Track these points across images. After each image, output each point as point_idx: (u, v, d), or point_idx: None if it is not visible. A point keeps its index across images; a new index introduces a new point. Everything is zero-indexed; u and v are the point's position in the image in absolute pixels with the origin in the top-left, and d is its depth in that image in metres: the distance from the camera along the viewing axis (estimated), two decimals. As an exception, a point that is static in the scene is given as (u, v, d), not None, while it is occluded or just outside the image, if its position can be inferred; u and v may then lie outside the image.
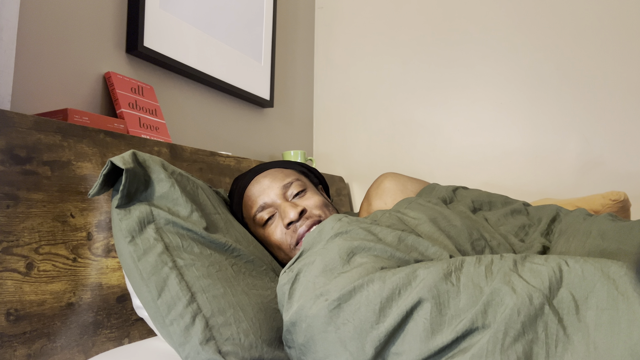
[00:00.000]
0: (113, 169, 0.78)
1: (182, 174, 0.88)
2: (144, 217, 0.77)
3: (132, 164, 0.77)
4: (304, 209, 0.92)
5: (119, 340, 0.88)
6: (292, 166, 1.04)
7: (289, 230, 0.91)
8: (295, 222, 0.91)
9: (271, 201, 0.94)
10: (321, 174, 1.12)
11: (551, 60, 1.65)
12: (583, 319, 0.50)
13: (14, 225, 0.74)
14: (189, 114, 1.42)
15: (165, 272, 0.72)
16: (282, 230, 0.92)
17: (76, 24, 1.09)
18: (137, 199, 0.80)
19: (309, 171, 1.07)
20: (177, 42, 1.32)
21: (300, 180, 0.98)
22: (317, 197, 0.96)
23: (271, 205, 0.94)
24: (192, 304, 0.70)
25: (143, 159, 0.82)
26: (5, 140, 0.75)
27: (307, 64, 2.06)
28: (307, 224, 0.91)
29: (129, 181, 0.77)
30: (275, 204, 0.94)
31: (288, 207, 0.92)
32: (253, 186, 0.97)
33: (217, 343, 0.68)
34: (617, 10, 1.57)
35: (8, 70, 0.86)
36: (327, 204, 0.97)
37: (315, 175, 1.09)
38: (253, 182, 0.98)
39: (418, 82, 1.88)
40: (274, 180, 0.96)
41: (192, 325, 0.68)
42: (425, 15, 1.87)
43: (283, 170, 0.99)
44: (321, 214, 0.93)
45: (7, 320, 0.72)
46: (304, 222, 0.91)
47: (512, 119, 1.71)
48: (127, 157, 0.78)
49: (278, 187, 0.95)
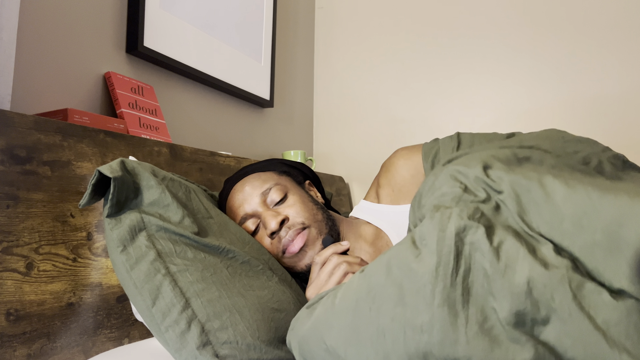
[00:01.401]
0: (102, 178, 0.77)
1: (174, 179, 0.87)
2: (134, 225, 0.76)
3: (121, 172, 0.76)
4: (284, 218, 0.89)
5: (119, 340, 0.88)
6: (271, 167, 1.00)
7: (274, 240, 0.90)
8: (278, 232, 0.89)
9: (252, 210, 0.92)
10: (308, 167, 1.08)
11: (551, 60, 1.65)
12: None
13: (14, 225, 0.74)
14: (189, 114, 1.42)
15: (159, 279, 0.72)
16: (269, 240, 0.91)
17: (76, 24, 1.09)
18: (127, 207, 0.78)
19: (293, 167, 1.03)
20: (177, 42, 1.32)
21: (280, 184, 0.94)
22: (299, 201, 0.93)
23: (253, 215, 0.92)
24: (186, 310, 0.70)
25: (132, 166, 0.81)
26: (5, 140, 0.75)
27: (307, 64, 2.06)
28: (290, 234, 0.88)
29: (118, 189, 0.76)
30: (257, 213, 0.92)
31: (269, 217, 0.89)
32: (234, 195, 0.96)
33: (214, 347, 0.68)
34: (617, 10, 1.57)
35: (8, 70, 0.86)
36: (310, 207, 0.93)
37: (300, 170, 1.05)
38: (234, 191, 0.96)
39: (418, 81, 1.88)
40: (253, 188, 0.94)
41: (188, 331, 0.68)
42: (425, 15, 1.87)
43: (261, 176, 0.96)
44: (304, 221, 0.90)
45: (7, 320, 0.72)
46: (286, 231, 0.89)
47: (511, 119, 1.71)
48: (114, 166, 0.77)
49: (257, 194, 0.93)
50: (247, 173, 0.98)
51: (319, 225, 0.92)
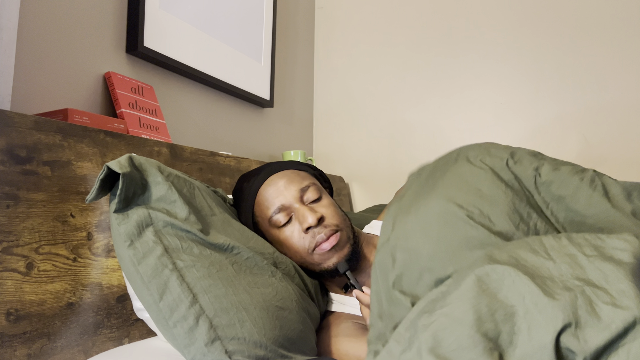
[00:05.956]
0: (110, 174, 0.77)
1: (179, 175, 0.88)
2: (142, 221, 0.76)
3: (129, 168, 0.77)
4: (322, 215, 0.92)
5: (119, 340, 0.88)
6: (306, 169, 1.02)
7: (307, 234, 0.91)
8: (314, 228, 0.91)
9: (288, 203, 0.93)
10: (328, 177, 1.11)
11: (551, 60, 1.65)
12: None
13: (14, 225, 0.74)
14: (189, 114, 1.42)
15: (166, 274, 0.72)
16: (300, 234, 0.92)
17: (76, 24, 1.09)
18: (134, 202, 0.79)
19: (320, 175, 1.06)
20: (177, 42, 1.32)
21: (316, 185, 0.97)
22: (333, 205, 0.96)
23: (288, 207, 0.93)
24: (194, 305, 0.70)
25: (139, 162, 0.82)
26: (5, 140, 0.75)
27: (307, 64, 2.06)
28: (325, 232, 0.90)
29: (126, 185, 0.76)
30: (293, 207, 0.93)
31: (307, 211, 0.91)
32: (268, 186, 0.96)
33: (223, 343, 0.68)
34: (617, 10, 1.57)
35: (8, 70, 0.86)
36: (341, 213, 0.97)
37: (324, 179, 1.08)
38: (268, 183, 0.96)
39: (418, 81, 1.88)
40: (291, 182, 0.95)
41: (196, 327, 0.69)
42: (425, 15, 1.87)
43: (299, 173, 0.98)
44: (338, 224, 0.93)
45: (7, 320, 0.72)
46: (322, 230, 0.91)
47: (511, 119, 1.71)
48: (123, 162, 0.77)
49: (295, 189, 0.94)
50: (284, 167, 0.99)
51: (347, 231, 0.95)
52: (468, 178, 0.75)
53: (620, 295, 0.48)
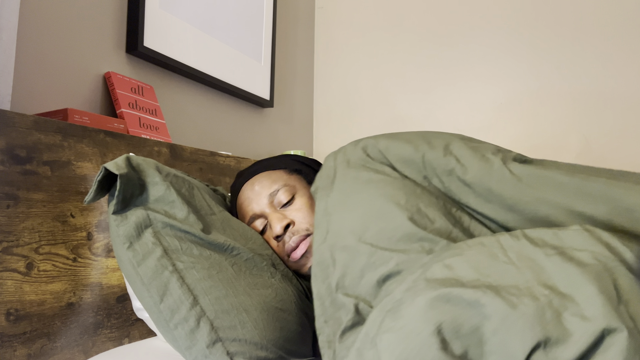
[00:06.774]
0: (107, 175, 0.77)
1: (177, 175, 0.87)
2: (141, 222, 0.76)
3: (126, 169, 0.76)
4: (289, 222, 0.89)
5: (119, 340, 0.88)
6: (282, 165, 0.98)
7: (280, 242, 0.90)
8: (282, 236, 0.89)
9: (260, 211, 0.92)
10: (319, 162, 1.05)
11: (551, 60, 1.65)
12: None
13: (14, 225, 0.74)
14: (189, 114, 1.42)
15: (166, 276, 0.72)
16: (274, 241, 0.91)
17: (76, 24, 1.09)
18: (133, 203, 0.78)
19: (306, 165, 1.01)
20: (177, 42, 1.32)
21: (288, 185, 0.93)
22: (305, 206, 0.91)
23: (261, 215, 0.92)
24: (195, 307, 0.70)
25: (137, 162, 0.81)
26: (5, 140, 0.75)
27: (307, 64, 2.06)
28: (294, 240, 0.88)
29: (124, 186, 0.76)
30: (265, 214, 0.92)
31: (274, 220, 0.89)
32: (244, 193, 0.95)
33: (225, 344, 0.68)
34: (617, 10, 1.57)
35: (8, 70, 0.86)
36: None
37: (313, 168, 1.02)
38: (244, 189, 0.95)
39: (418, 81, 1.88)
40: (262, 188, 0.93)
41: (197, 328, 0.68)
42: (425, 15, 1.87)
43: (271, 175, 0.95)
44: (309, 227, 0.89)
45: (7, 320, 0.72)
46: (290, 237, 0.88)
47: (511, 118, 1.71)
48: (120, 162, 0.77)
49: (265, 195, 0.92)
50: (257, 170, 0.97)
51: None
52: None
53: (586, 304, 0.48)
